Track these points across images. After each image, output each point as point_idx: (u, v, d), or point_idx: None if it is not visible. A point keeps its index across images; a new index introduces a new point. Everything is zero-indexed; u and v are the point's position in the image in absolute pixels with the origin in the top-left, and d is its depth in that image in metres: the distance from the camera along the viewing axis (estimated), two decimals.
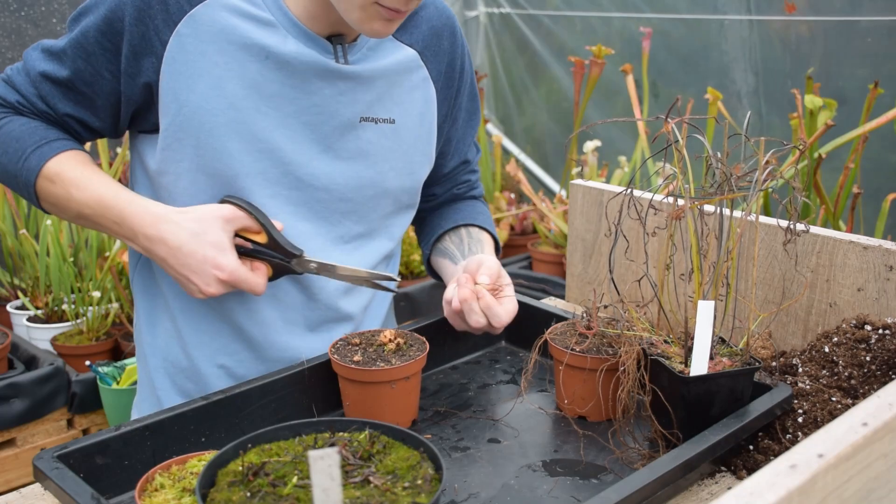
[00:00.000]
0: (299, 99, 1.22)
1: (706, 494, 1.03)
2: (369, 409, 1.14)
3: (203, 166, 1.21)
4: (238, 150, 1.21)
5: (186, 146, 1.21)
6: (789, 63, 3.06)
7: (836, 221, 2.32)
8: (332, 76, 1.23)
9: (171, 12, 1.17)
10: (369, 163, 1.30)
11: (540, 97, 4.06)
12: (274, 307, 1.29)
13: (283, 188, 1.25)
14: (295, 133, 1.23)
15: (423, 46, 1.34)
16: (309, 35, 1.22)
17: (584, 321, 1.22)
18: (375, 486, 0.84)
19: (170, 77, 1.18)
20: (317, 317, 1.32)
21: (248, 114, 1.20)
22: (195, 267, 1.16)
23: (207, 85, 1.19)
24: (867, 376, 1.11)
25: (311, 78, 1.22)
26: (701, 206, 1.12)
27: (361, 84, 1.26)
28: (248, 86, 1.20)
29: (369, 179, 1.30)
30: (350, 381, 1.15)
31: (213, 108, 1.19)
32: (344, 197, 1.29)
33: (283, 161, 1.23)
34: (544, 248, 3.20)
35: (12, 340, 2.57)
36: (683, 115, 1.10)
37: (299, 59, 1.20)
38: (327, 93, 1.23)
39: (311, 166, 1.25)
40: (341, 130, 1.26)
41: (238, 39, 1.19)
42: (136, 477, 0.96)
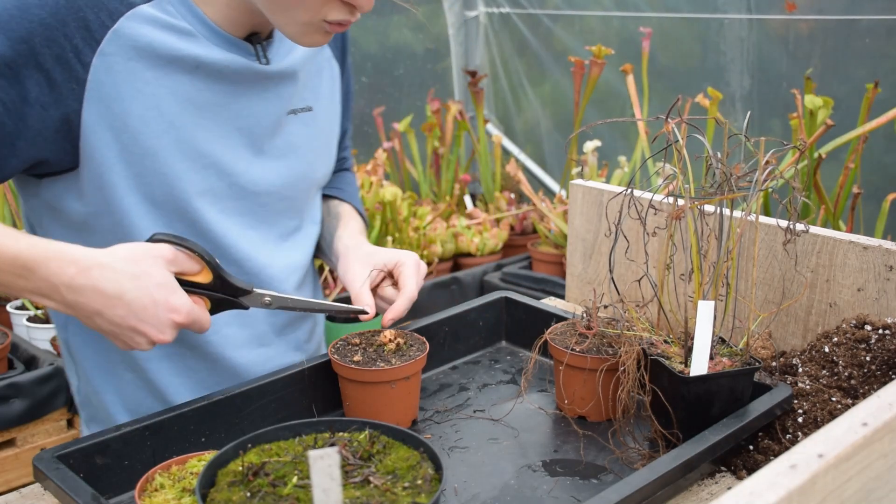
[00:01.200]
0: (230, 105, 1.17)
1: (706, 494, 1.03)
2: (369, 409, 1.14)
3: (150, 195, 1.12)
4: (185, 170, 1.13)
5: (129, 178, 1.10)
6: (786, 65, 3.06)
7: (836, 221, 2.32)
8: (259, 77, 1.18)
9: (92, 30, 1.05)
10: (298, 156, 1.26)
11: (540, 97, 4.06)
12: (240, 325, 1.26)
13: (231, 200, 1.19)
14: (232, 141, 1.18)
15: None
16: (229, 40, 1.15)
17: (584, 321, 1.22)
18: (375, 486, 0.84)
19: (97, 104, 1.06)
20: (280, 321, 1.31)
21: (189, 130, 1.13)
22: (144, 314, 0.99)
23: (143, 106, 1.09)
24: (867, 376, 1.11)
25: (240, 82, 1.17)
26: (701, 206, 1.12)
27: (284, 79, 1.22)
28: (182, 100, 1.12)
29: (301, 173, 1.27)
30: (350, 381, 1.15)
31: (154, 130, 1.10)
32: (282, 196, 1.26)
33: (226, 173, 1.18)
34: (544, 248, 3.20)
35: (12, 340, 2.56)
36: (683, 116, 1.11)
37: (229, 65, 1.15)
38: (255, 94, 1.19)
39: (251, 173, 1.20)
40: (270, 130, 1.22)
41: (166, 53, 1.10)
42: (136, 477, 0.96)
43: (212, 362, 1.25)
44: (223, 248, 1.21)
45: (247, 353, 1.27)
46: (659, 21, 3.44)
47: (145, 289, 0.99)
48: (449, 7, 4.16)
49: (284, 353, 1.32)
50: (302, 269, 1.32)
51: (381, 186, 3.23)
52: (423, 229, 3.28)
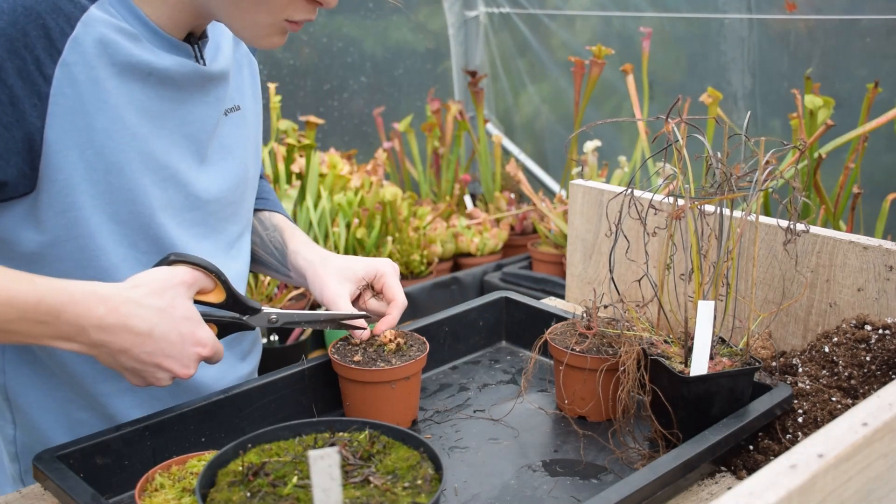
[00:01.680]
0: (177, 111, 1.10)
1: (706, 494, 1.03)
2: (369, 409, 1.14)
3: (117, 215, 1.05)
4: (149, 184, 1.07)
5: (95, 198, 1.03)
6: (787, 64, 3.06)
7: (836, 221, 2.32)
8: (201, 80, 1.12)
9: (53, 38, 0.97)
10: (234, 158, 1.20)
11: (540, 97, 4.06)
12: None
13: (186, 212, 1.13)
14: (181, 149, 1.11)
15: None
16: (170, 41, 1.08)
17: (584, 321, 1.22)
18: (375, 486, 0.84)
19: (61, 120, 0.98)
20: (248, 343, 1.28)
21: (148, 140, 1.06)
22: (171, 350, 0.96)
23: (107, 118, 1.02)
24: (867, 376, 1.11)
25: (187, 87, 1.10)
26: (701, 206, 1.12)
27: (222, 80, 1.16)
28: (139, 110, 1.05)
29: (240, 175, 1.21)
30: (350, 381, 1.15)
31: (118, 144, 1.03)
32: (228, 202, 1.19)
33: (182, 183, 1.11)
34: (544, 248, 3.20)
35: None
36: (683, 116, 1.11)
37: (178, 70, 1.08)
38: (197, 98, 1.12)
39: (200, 181, 1.14)
40: (210, 133, 1.15)
41: (122, 59, 1.02)
42: (136, 477, 0.96)
43: (174, 386, 1.16)
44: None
45: (202, 370, 1.19)
46: (659, 21, 3.44)
47: (172, 323, 0.97)
48: (449, 7, 4.16)
49: (234, 365, 1.26)
50: (245, 278, 1.26)
51: (381, 186, 3.23)
52: (423, 229, 3.28)
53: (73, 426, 1.16)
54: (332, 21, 3.74)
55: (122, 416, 1.16)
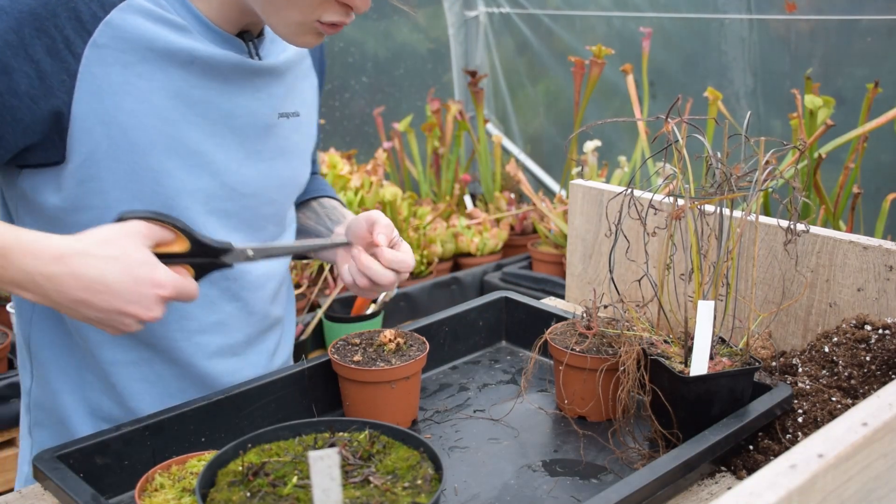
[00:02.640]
0: (223, 103, 1.14)
1: (706, 494, 1.03)
2: (369, 409, 1.14)
3: (139, 192, 1.09)
4: (176, 168, 1.10)
5: (117, 173, 1.07)
6: (788, 63, 3.06)
7: (836, 221, 2.32)
8: (251, 74, 1.16)
9: (84, 20, 1.02)
10: (286, 160, 1.24)
11: (540, 97, 4.06)
12: (215, 333, 1.20)
13: (219, 201, 1.16)
14: (223, 140, 1.15)
15: None
16: (222, 35, 1.13)
17: (584, 321, 1.22)
18: (375, 486, 0.84)
19: (89, 97, 1.04)
20: (254, 330, 1.27)
21: (179, 126, 1.10)
22: (129, 296, 0.96)
23: (135, 100, 1.06)
24: (867, 376, 1.11)
25: (233, 79, 1.14)
26: (701, 206, 1.12)
27: (275, 78, 1.20)
28: (174, 96, 1.09)
29: (288, 178, 1.25)
30: (350, 381, 1.15)
31: (145, 126, 1.07)
32: (269, 200, 1.22)
33: (217, 172, 1.14)
34: (544, 248, 3.20)
35: (12, 340, 2.57)
36: (683, 116, 1.11)
37: (224, 60, 1.12)
38: (248, 92, 1.16)
39: (241, 173, 1.17)
40: (262, 130, 1.19)
41: (160, 46, 1.07)
42: (136, 477, 0.96)
43: (181, 369, 1.19)
44: None
45: (218, 362, 1.21)
46: (659, 21, 3.44)
47: (126, 269, 0.96)
48: (449, 7, 4.16)
49: (255, 363, 1.27)
50: (278, 278, 1.28)
51: (381, 186, 3.23)
52: (423, 229, 3.28)
53: (83, 390, 1.19)
54: None
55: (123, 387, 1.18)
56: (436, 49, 4.19)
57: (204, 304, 1.17)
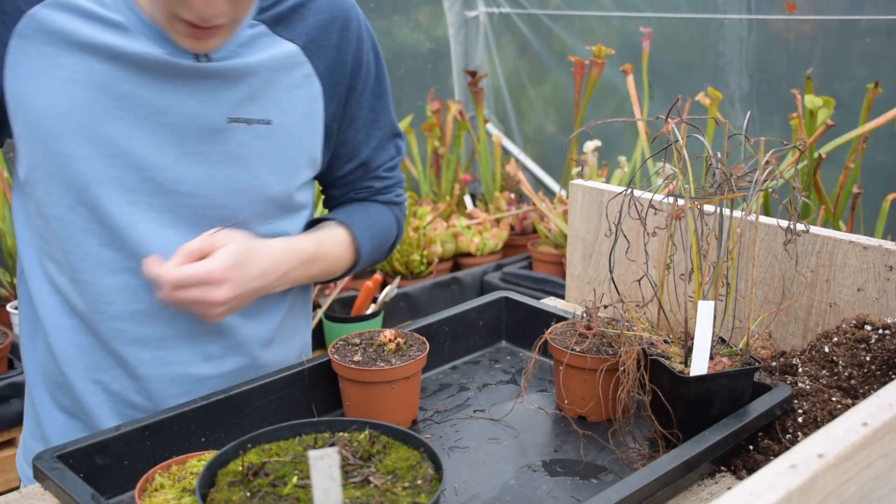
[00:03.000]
0: (155, 100, 1.16)
1: (706, 494, 1.03)
2: (369, 409, 1.14)
3: (55, 174, 1.16)
4: (89, 156, 1.15)
5: (37, 154, 1.16)
6: (786, 65, 3.06)
7: (836, 221, 2.32)
8: (192, 76, 1.16)
9: (7, 12, 1.12)
10: (243, 167, 1.21)
11: (540, 97, 4.06)
12: (135, 322, 1.22)
13: (143, 195, 1.18)
14: (153, 136, 1.17)
15: (307, 41, 1.24)
16: (164, 36, 1.14)
17: (584, 321, 1.22)
18: (375, 486, 0.84)
19: (13, 80, 1.14)
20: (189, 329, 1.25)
21: (98, 117, 1.14)
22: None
23: (52, 88, 1.13)
24: (867, 376, 1.11)
25: (167, 78, 1.15)
26: (701, 206, 1.12)
27: (226, 83, 1.18)
28: (96, 88, 1.14)
29: (245, 184, 1.22)
30: (350, 381, 1.15)
31: (60, 113, 1.14)
32: (217, 203, 1.21)
33: (139, 166, 1.17)
34: (544, 248, 3.20)
35: (12, 340, 2.57)
36: (683, 116, 1.11)
37: (151, 58, 1.14)
38: (186, 92, 1.16)
39: (174, 171, 1.18)
40: (208, 133, 1.19)
41: (82, 40, 1.13)
42: (136, 477, 0.96)
43: (103, 345, 1.23)
44: (124, 241, 1.19)
45: (138, 350, 1.23)
46: (659, 21, 3.44)
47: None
48: (449, 7, 4.16)
49: (186, 362, 1.25)
50: None
51: None
52: (423, 229, 3.28)
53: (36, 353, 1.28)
54: None
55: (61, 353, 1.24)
56: (436, 49, 4.19)
57: (126, 291, 1.21)
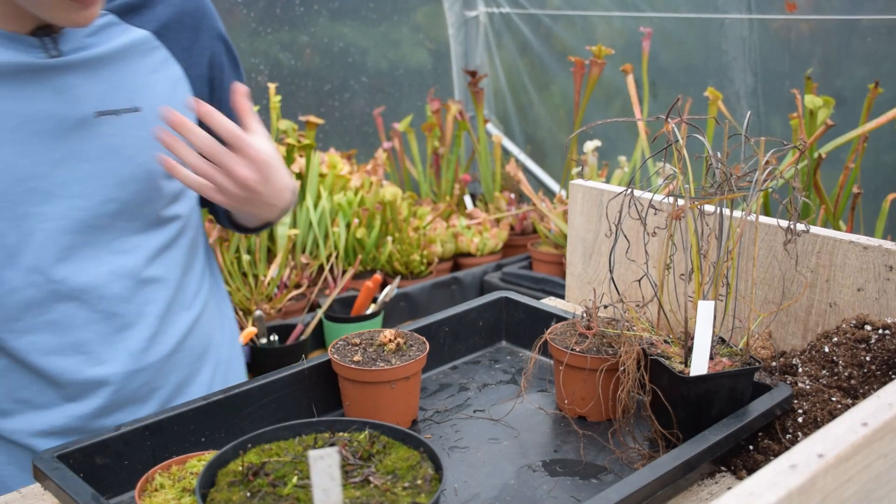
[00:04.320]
0: (17, 109, 1.13)
1: (706, 494, 1.03)
2: (369, 409, 1.14)
3: None
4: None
5: None
6: (789, 63, 3.06)
7: (836, 221, 2.32)
8: (46, 74, 1.13)
9: None
10: (124, 158, 1.21)
11: (540, 97, 4.06)
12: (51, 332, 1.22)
13: (31, 206, 1.16)
14: (26, 146, 1.14)
15: (159, 26, 1.25)
16: (7, 36, 1.11)
17: (584, 321, 1.22)
18: (375, 486, 0.84)
19: None
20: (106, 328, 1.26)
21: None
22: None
23: None
24: (867, 376, 1.11)
25: (23, 83, 1.12)
26: (701, 206, 1.12)
27: (84, 76, 1.17)
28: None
29: (129, 174, 1.22)
30: (350, 381, 1.15)
31: None
32: (108, 198, 1.21)
33: (20, 178, 1.14)
34: (544, 248, 3.20)
35: None
36: (683, 116, 1.11)
37: (4, 65, 1.11)
38: (47, 94, 1.14)
39: (56, 176, 1.16)
40: (78, 131, 1.17)
41: None
42: (136, 477, 0.96)
43: (20, 364, 1.22)
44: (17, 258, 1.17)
45: (57, 359, 1.23)
46: (660, 21, 3.44)
47: None
48: (449, 7, 4.16)
49: (112, 359, 1.26)
50: (133, 276, 1.26)
51: (381, 186, 3.23)
52: (423, 229, 3.28)
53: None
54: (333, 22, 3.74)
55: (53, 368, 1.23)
56: (436, 49, 4.19)
57: (30, 306, 1.19)
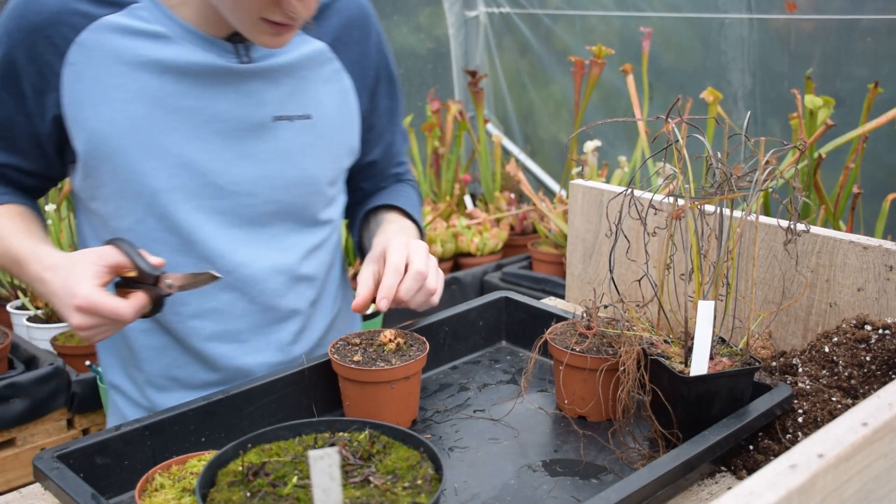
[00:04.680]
0: (205, 107, 1.21)
1: (706, 494, 1.03)
2: (369, 409, 1.14)
3: (122, 190, 1.21)
4: (153, 169, 1.20)
5: (103, 172, 1.21)
6: (788, 64, 3.06)
7: (836, 221, 2.32)
8: (235, 79, 1.22)
9: (57, 44, 1.16)
10: (291, 161, 1.29)
11: (540, 97, 4.06)
12: (209, 320, 1.29)
13: (206, 199, 1.24)
14: (207, 143, 1.22)
15: (333, 38, 1.32)
16: (206, 39, 1.20)
17: (584, 321, 1.22)
18: (375, 486, 0.84)
19: (72, 108, 1.18)
20: (260, 319, 1.32)
21: (156, 131, 1.19)
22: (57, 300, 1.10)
23: (110, 109, 1.18)
24: (867, 376, 1.11)
25: (214, 84, 1.21)
26: (701, 206, 1.12)
27: (268, 82, 1.25)
28: (150, 103, 1.19)
29: (294, 178, 1.29)
30: (350, 381, 1.15)
31: (120, 132, 1.18)
32: (271, 199, 1.28)
33: (200, 172, 1.22)
34: (544, 248, 3.20)
35: (12, 340, 2.56)
36: (683, 116, 1.10)
37: (198, 66, 1.19)
38: (233, 97, 1.22)
39: (231, 174, 1.24)
40: (256, 133, 1.25)
41: (131, 59, 1.18)
42: (136, 477, 0.96)
43: (180, 344, 1.31)
44: (193, 244, 1.25)
45: (215, 345, 1.30)
46: (660, 21, 3.44)
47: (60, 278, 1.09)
48: (449, 7, 4.16)
49: (260, 350, 1.33)
50: (289, 273, 1.33)
51: None
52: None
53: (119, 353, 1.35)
54: None
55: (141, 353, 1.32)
56: (436, 49, 4.19)
57: (198, 292, 1.25)
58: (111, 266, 1.10)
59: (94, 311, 1.07)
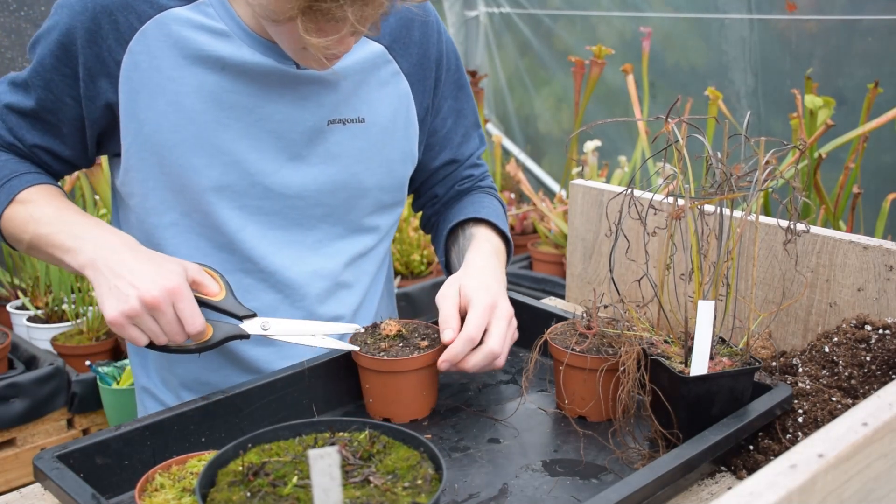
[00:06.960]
0: (260, 108, 1.21)
1: (706, 494, 1.03)
2: (393, 399, 1.16)
3: (169, 183, 1.20)
4: (203, 165, 1.20)
5: (150, 164, 1.20)
6: (789, 63, 3.06)
7: (836, 221, 2.32)
8: (293, 82, 1.22)
9: (122, 31, 1.16)
10: (342, 165, 1.28)
11: (540, 97, 4.06)
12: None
13: (252, 199, 1.23)
14: (260, 143, 1.22)
15: (391, 40, 1.30)
16: (265, 43, 1.20)
17: (584, 321, 1.22)
18: (375, 486, 0.84)
19: (127, 96, 1.17)
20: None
21: (209, 127, 1.19)
22: (131, 274, 1.05)
23: (165, 101, 1.17)
24: (867, 376, 1.11)
25: (271, 85, 1.21)
26: (701, 206, 1.12)
27: (325, 87, 1.24)
28: (206, 99, 1.18)
29: (343, 182, 1.28)
30: (373, 372, 1.16)
31: (173, 125, 1.18)
32: (319, 202, 1.28)
33: (249, 172, 1.22)
34: (544, 248, 3.20)
35: (12, 340, 2.56)
36: (683, 116, 1.10)
37: (257, 67, 1.19)
38: (289, 99, 1.22)
39: (281, 175, 1.24)
40: (309, 136, 1.24)
41: (192, 52, 1.17)
42: (136, 477, 0.96)
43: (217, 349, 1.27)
44: (236, 244, 1.24)
45: (251, 348, 1.30)
46: (660, 21, 3.44)
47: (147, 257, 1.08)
48: (449, 7, 4.16)
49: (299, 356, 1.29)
50: (331, 279, 1.32)
51: None
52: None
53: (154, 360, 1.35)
54: None
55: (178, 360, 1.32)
56: None
57: (239, 290, 1.24)
58: (192, 278, 1.11)
59: (177, 298, 1.06)
